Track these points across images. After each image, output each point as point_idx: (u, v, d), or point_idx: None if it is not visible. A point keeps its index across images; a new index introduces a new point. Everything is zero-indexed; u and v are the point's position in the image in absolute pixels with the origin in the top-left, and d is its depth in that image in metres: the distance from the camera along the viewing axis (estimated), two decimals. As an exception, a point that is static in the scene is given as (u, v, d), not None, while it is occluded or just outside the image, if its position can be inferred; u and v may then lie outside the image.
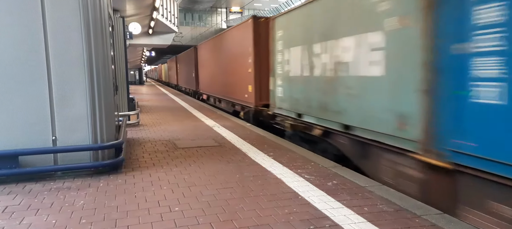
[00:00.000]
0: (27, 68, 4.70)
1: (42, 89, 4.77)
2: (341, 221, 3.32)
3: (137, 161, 5.67)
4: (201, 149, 6.50)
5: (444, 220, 3.29)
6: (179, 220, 3.37)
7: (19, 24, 4.64)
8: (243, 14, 55.25)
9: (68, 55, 4.83)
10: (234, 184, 4.45)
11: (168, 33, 26.57)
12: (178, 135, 8.02)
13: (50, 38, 4.75)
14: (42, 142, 4.82)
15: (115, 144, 5.25)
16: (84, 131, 4.97)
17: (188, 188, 4.31)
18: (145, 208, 3.69)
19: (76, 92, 4.90)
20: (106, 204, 3.83)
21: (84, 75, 4.90)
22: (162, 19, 21.19)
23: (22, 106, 4.73)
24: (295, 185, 4.35)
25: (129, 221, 3.38)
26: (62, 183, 4.56)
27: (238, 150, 6.39)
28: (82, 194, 4.14)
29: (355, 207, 3.65)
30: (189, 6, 54.78)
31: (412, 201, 3.79)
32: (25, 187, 4.42)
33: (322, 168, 5.08)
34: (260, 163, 5.44)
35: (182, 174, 4.90)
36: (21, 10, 4.63)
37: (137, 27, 18.55)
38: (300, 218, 3.39)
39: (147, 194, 4.13)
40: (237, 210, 3.61)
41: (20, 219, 3.46)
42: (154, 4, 16.26)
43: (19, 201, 3.97)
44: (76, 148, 4.91)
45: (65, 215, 3.55)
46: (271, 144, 6.86)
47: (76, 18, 4.81)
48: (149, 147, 6.75)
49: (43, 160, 4.83)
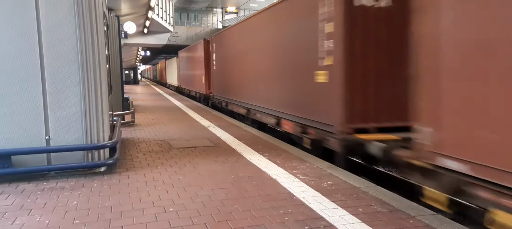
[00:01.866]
0: (20, 67, 4.66)
1: (35, 88, 4.73)
2: (336, 221, 3.33)
3: (131, 161, 5.65)
4: (196, 149, 6.48)
5: (437, 221, 3.31)
6: (173, 221, 3.36)
7: (13, 23, 4.59)
8: (238, 15, 55.25)
9: (62, 54, 4.79)
10: (229, 184, 4.44)
11: (164, 32, 26.49)
12: (173, 135, 7.99)
13: (44, 37, 4.71)
14: (36, 142, 4.78)
15: (109, 144, 5.22)
16: (78, 131, 4.94)
17: (183, 189, 4.29)
18: (139, 209, 3.67)
19: (70, 92, 4.87)
20: (100, 204, 3.81)
21: (78, 74, 4.87)
22: (158, 18, 21.12)
23: (15, 105, 4.69)
24: (290, 186, 4.36)
25: (123, 221, 3.36)
26: (55, 183, 4.53)
27: (233, 150, 6.38)
28: (76, 194, 4.11)
29: (350, 207, 3.66)
30: (184, 6, 54.67)
31: (407, 202, 3.81)
32: (18, 187, 4.38)
33: (317, 169, 5.09)
34: (255, 163, 5.44)
35: (177, 175, 4.89)
36: (15, 9, 4.59)
37: (132, 27, 18.47)
38: (295, 219, 3.39)
39: (142, 194, 4.11)
40: (232, 210, 3.61)
41: (13, 219, 3.43)
42: (150, 4, 16.20)
43: (11, 201, 3.93)
44: (69, 148, 4.87)
45: (58, 215, 3.52)
46: (266, 144, 6.86)
47: (70, 17, 4.78)
48: (143, 147, 6.72)
49: (37, 160, 4.79)
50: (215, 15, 58.21)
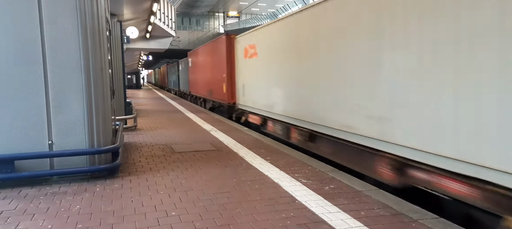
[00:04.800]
0: (23, 72, 4.69)
1: (38, 93, 4.76)
2: (338, 225, 3.32)
3: (134, 166, 5.66)
4: (198, 154, 6.49)
5: (440, 224, 3.30)
6: (175, 225, 3.36)
7: (16, 28, 4.63)
8: (240, 19, 55.40)
9: (65, 60, 4.82)
10: (231, 188, 4.44)
11: (166, 37, 26.56)
12: (175, 139, 8.00)
13: (47, 42, 4.74)
14: (38, 147, 4.80)
15: (111, 148, 5.24)
16: (81, 135, 4.96)
17: (185, 193, 4.30)
18: (141, 213, 3.67)
19: (72, 96, 4.89)
20: (103, 208, 3.82)
21: (81, 79, 4.89)
22: (160, 23, 21.18)
23: (18, 111, 4.71)
24: (292, 190, 4.35)
25: (125, 226, 3.37)
26: (58, 188, 4.54)
27: (235, 154, 6.39)
28: (78, 199, 4.12)
29: (352, 211, 3.66)
30: (186, 11, 54.89)
31: (409, 206, 3.80)
32: (20, 192, 4.40)
33: (319, 172, 5.08)
34: (257, 167, 5.44)
35: (179, 179, 4.89)
36: (18, 15, 4.63)
37: (134, 32, 18.52)
38: (297, 223, 3.38)
39: (144, 198, 4.12)
40: (234, 214, 3.61)
41: (16, 224, 3.44)
42: (152, 9, 16.27)
43: (14, 206, 3.94)
44: (72, 152, 4.89)
45: (61, 220, 3.53)
46: (268, 148, 6.86)
47: (73, 22, 4.81)
48: (146, 151, 6.74)
49: (39, 165, 4.81)
50: (216, 20, 58.38)
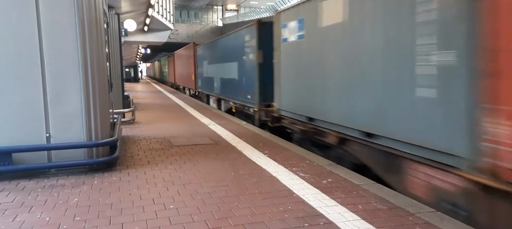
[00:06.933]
0: (20, 65, 4.66)
1: (36, 86, 4.74)
2: (336, 219, 3.34)
3: (132, 159, 5.66)
4: (197, 147, 6.49)
5: (437, 218, 3.32)
6: (174, 218, 3.37)
7: (13, 21, 4.60)
8: (239, 12, 55.16)
9: (63, 52, 4.79)
10: (229, 182, 4.45)
11: (164, 30, 26.43)
12: (173, 133, 8.00)
13: (44, 35, 4.71)
14: (36, 139, 4.78)
15: (109, 141, 5.23)
16: (79, 128, 4.95)
17: (183, 186, 4.30)
18: (139, 206, 3.68)
19: (70, 89, 4.87)
20: (101, 201, 3.82)
21: (79, 72, 4.87)
22: (158, 16, 21.05)
23: (16, 103, 4.69)
24: (290, 183, 4.36)
25: (123, 218, 3.37)
26: (56, 181, 4.54)
27: (233, 148, 6.39)
28: (76, 192, 4.12)
29: (350, 205, 3.67)
30: (184, 4, 54.56)
31: (406, 199, 3.82)
32: (18, 185, 4.40)
33: (317, 166, 5.10)
34: (255, 161, 5.45)
35: (177, 172, 4.90)
36: (15, 8, 4.59)
37: (132, 24, 18.39)
38: (294, 216, 3.40)
39: (142, 191, 4.12)
40: (232, 207, 3.62)
41: (14, 217, 3.44)
42: (150, 1, 16.16)
43: (12, 198, 3.94)
44: (70, 145, 4.88)
45: (59, 212, 3.53)
46: (267, 142, 6.87)
47: (70, 15, 4.77)
48: (144, 145, 6.73)
49: (37, 157, 4.80)
50: (215, 13, 58.13)
